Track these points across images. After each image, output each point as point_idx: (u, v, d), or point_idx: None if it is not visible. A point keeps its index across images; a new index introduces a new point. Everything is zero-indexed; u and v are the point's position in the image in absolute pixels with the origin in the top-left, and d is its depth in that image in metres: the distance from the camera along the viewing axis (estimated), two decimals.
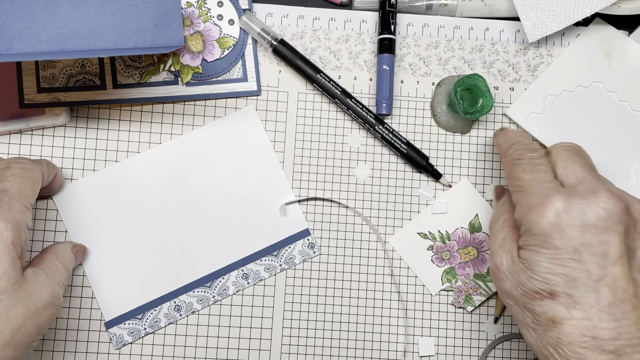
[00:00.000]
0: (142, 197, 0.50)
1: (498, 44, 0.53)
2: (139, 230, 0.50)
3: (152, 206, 0.50)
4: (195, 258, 0.50)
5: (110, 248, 0.50)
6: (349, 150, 0.52)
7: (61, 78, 0.50)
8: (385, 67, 0.51)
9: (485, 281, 0.51)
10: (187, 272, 0.50)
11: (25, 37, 0.42)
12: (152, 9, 0.47)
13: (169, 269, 0.50)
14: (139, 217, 0.50)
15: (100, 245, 0.50)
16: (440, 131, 0.53)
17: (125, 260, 0.50)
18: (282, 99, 0.52)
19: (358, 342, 0.51)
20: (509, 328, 0.51)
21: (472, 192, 0.52)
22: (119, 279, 0.50)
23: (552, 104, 0.52)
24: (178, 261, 0.50)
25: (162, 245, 0.50)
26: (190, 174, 0.50)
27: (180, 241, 0.50)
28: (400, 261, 0.51)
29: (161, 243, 0.50)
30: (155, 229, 0.50)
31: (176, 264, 0.50)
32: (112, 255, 0.50)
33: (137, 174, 0.51)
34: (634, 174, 0.51)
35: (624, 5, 0.51)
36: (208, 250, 0.50)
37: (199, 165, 0.51)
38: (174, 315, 0.50)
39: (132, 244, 0.50)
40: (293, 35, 0.52)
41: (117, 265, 0.50)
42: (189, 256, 0.50)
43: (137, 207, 0.50)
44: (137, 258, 0.50)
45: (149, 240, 0.50)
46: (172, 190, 0.50)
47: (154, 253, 0.50)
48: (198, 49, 0.51)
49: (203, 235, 0.50)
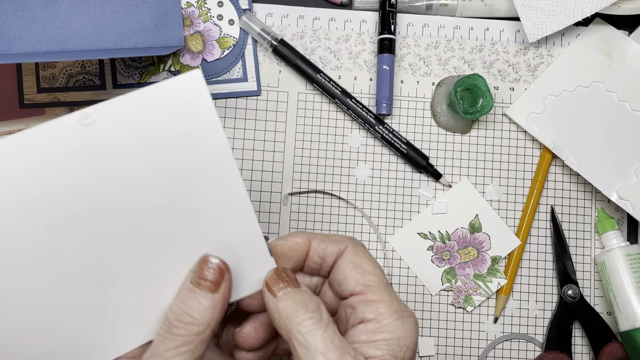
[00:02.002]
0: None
1: (498, 44, 0.53)
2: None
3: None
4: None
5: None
6: (349, 150, 0.52)
7: (61, 78, 0.50)
8: (385, 67, 0.51)
9: (485, 281, 0.51)
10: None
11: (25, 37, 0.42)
12: (152, 9, 0.47)
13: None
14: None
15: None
16: (440, 131, 0.53)
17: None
18: (282, 99, 0.52)
19: None
20: (509, 328, 0.51)
21: (472, 192, 0.52)
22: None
23: (552, 104, 0.52)
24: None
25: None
26: (92, 178, 0.31)
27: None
28: (400, 261, 0.51)
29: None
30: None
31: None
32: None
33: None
34: (634, 174, 0.51)
35: (624, 5, 0.51)
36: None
37: (107, 165, 0.31)
38: None
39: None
40: (293, 35, 0.52)
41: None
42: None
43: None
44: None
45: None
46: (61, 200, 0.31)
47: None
48: (198, 49, 0.51)
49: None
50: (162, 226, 0.32)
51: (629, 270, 0.49)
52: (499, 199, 0.52)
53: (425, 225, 0.52)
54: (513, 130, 0.53)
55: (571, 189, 0.53)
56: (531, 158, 0.53)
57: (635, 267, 0.49)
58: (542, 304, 0.52)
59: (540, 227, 0.52)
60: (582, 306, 0.51)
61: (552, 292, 0.52)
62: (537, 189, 0.52)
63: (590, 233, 0.52)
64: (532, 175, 0.52)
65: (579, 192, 0.53)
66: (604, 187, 0.50)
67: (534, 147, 0.53)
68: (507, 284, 0.51)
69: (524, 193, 0.52)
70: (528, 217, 0.51)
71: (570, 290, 0.51)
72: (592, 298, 0.52)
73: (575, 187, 0.53)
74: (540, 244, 0.52)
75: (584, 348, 0.51)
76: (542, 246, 0.52)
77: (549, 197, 0.52)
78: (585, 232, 0.52)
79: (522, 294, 0.52)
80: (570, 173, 0.53)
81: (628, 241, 0.51)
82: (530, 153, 0.53)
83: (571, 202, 0.53)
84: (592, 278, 0.52)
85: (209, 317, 0.31)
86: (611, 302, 0.50)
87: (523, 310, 0.52)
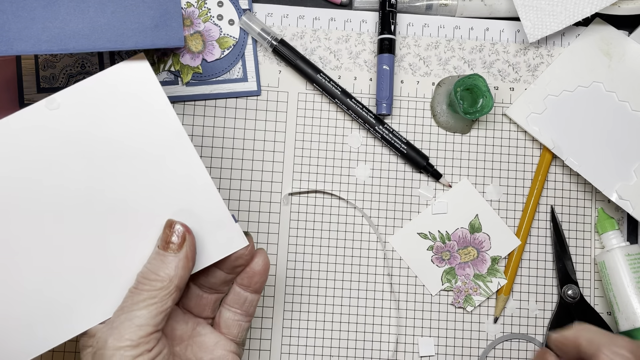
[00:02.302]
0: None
1: (498, 44, 0.53)
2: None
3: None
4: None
5: None
6: (349, 150, 0.52)
7: (61, 78, 0.50)
8: (385, 67, 0.51)
9: (485, 281, 0.51)
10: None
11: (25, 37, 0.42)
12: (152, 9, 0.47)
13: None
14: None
15: None
16: (440, 131, 0.53)
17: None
18: (282, 99, 0.52)
19: (358, 342, 0.50)
20: (509, 328, 0.51)
21: (472, 192, 0.52)
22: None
23: (552, 104, 0.52)
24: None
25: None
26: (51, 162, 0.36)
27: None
28: (400, 261, 0.51)
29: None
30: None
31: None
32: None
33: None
34: (634, 174, 0.51)
35: (624, 5, 0.51)
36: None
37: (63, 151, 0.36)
38: None
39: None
40: (293, 35, 0.52)
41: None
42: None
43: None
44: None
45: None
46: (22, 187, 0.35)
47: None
48: (198, 49, 0.51)
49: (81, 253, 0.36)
50: (128, 199, 0.36)
51: (629, 270, 0.49)
52: (499, 199, 0.52)
53: (425, 225, 0.52)
54: (513, 130, 0.53)
55: (571, 189, 0.53)
56: (531, 158, 0.53)
57: (635, 267, 0.49)
58: (542, 304, 0.52)
59: (540, 227, 0.52)
60: (582, 306, 0.51)
61: (552, 292, 0.52)
62: (537, 189, 0.52)
63: (590, 233, 0.52)
64: (532, 175, 0.52)
65: (579, 192, 0.53)
66: (604, 187, 0.50)
67: (534, 147, 0.53)
68: (507, 284, 0.51)
69: (524, 193, 0.52)
70: (528, 217, 0.52)
71: (570, 290, 0.51)
72: (592, 298, 0.52)
73: (575, 187, 0.53)
74: (540, 244, 0.52)
75: None
76: (542, 246, 0.52)
77: (549, 197, 0.52)
78: (585, 232, 0.52)
79: (522, 294, 0.52)
80: (570, 173, 0.53)
81: (628, 241, 0.51)
82: (530, 153, 0.53)
83: (571, 202, 0.53)
84: (592, 278, 0.52)
85: (172, 274, 0.35)
86: (611, 302, 0.50)
87: (523, 310, 0.52)
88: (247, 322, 0.41)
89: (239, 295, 0.40)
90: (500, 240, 0.51)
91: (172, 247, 0.36)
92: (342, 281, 0.51)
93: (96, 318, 0.36)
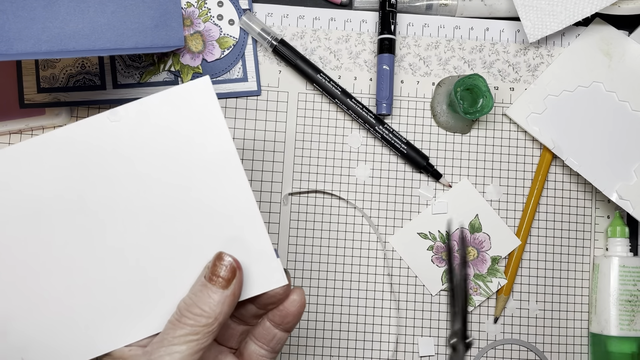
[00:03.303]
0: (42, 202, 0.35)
1: (498, 44, 0.53)
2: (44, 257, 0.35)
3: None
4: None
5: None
6: (349, 150, 0.52)
7: (61, 78, 0.50)
8: (385, 67, 0.51)
9: (485, 281, 0.51)
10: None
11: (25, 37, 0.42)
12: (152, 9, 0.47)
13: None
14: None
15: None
16: (440, 131, 0.53)
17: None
18: (282, 99, 0.52)
19: (358, 342, 0.51)
20: (509, 328, 0.51)
21: (472, 192, 0.52)
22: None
23: (552, 104, 0.52)
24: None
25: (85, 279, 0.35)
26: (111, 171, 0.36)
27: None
28: (400, 261, 0.51)
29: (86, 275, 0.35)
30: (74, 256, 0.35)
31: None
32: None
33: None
34: (634, 174, 0.51)
35: (624, 5, 0.51)
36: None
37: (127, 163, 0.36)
38: None
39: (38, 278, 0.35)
40: (293, 35, 0.52)
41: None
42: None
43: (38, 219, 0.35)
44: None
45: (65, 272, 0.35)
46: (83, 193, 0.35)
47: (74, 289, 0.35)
48: (198, 49, 0.51)
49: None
50: (176, 221, 0.35)
51: (618, 281, 0.49)
52: (499, 199, 0.52)
53: (425, 225, 0.52)
54: (513, 130, 0.53)
55: (571, 189, 0.53)
56: (531, 158, 0.53)
57: (625, 279, 0.49)
58: (542, 304, 0.52)
59: (540, 227, 0.52)
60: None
61: (552, 292, 0.52)
62: (537, 189, 0.52)
63: (590, 233, 0.52)
64: (532, 175, 0.53)
65: (579, 192, 0.53)
66: (604, 187, 0.50)
67: (534, 147, 0.53)
68: (507, 284, 0.51)
69: (524, 193, 0.52)
70: (528, 217, 0.52)
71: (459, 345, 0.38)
72: (582, 297, 0.52)
73: (575, 187, 0.53)
74: (540, 244, 0.52)
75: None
76: (542, 246, 0.52)
77: (549, 197, 0.52)
78: (585, 232, 0.52)
79: (523, 294, 0.52)
80: (570, 173, 0.53)
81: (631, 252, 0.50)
82: (530, 153, 0.53)
83: (571, 202, 0.53)
84: (590, 278, 0.52)
85: (217, 311, 0.33)
86: (591, 302, 0.51)
87: (523, 310, 0.52)
88: (271, 358, 0.39)
89: (268, 331, 0.38)
90: (500, 240, 0.51)
91: (220, 282, 0.34)
92: (342, 281, 0.51)
93: (123, 340, 0.35)
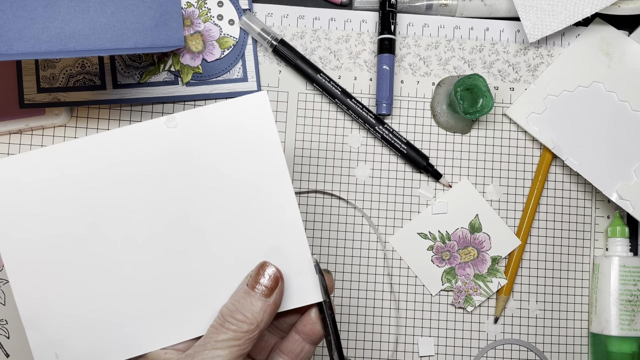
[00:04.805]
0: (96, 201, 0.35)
1: (498, 44, 0.53)
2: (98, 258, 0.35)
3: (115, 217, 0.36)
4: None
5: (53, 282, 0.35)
6: (349, 150, 0.52)
7: (61, 78, 0.50)
8: (385, 67, 0.51)
9: (485, 281, 0.51)
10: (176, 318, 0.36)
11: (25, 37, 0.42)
12: (152, 9, 0.47)
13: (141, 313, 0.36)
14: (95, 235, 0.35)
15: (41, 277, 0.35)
16: (440, 131, 0.53)
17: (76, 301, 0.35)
18: (282, 99, 0.52)
19: (358, 342, 0.51)
20: (509, 328, 0.51)
21: (472, 192, 0.52)
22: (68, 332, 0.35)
23: (552, 104, 0.52)
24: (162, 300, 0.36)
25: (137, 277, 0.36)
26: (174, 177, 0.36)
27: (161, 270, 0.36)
28: (400, 261, 0.51)
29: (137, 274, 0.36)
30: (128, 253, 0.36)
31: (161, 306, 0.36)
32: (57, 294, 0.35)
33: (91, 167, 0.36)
34: (634, 174, 0.51)
35: (624, 5, 0.51)
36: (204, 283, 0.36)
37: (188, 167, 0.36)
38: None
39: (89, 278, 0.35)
40: (293, 35, 0.52)
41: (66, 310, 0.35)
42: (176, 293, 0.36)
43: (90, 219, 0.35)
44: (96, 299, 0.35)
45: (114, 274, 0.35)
46: (151, 194, 0.36)
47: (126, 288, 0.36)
48: (198, 49, 0.51)
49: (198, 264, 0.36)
50: (223, 229, 0.36)
51: (618, 280, 0.49)
52: (499, 199, 0.52)
53: (425, 225, 0.52)
54: (513, 130, 0.53)
55: (571, 189, 0.53)
56: (531, 158, 0.53)
57: (626, 279, 0.49)
58: (542, 304, 0.52)
59: (540, 227, 0.52)
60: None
61: (552, 292, 0.52)
62: (537, 189, 0.52)
63: (590, 233, 0.52)
64: (532, 175, 0.53)
65: (579, 192, 0.53)
66: (604, 187, 0.50)
67: (534, 147, 0.53)
68: (508, 284, 0.51)
69: (524, 193, 0.52)
70: (528, 217, 0.52)
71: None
72: (582, 297, 0.52)
73: (575, 187, 0.53)
74: (540, 244, 0.52)
75: None
76: (542, 246, 0.52)
77: (549, 197, 0.52)
78: (585, 232, 0.52)
79: (523, 294, 0.52)
80: (570, 173, 0.53)
81: (631, 252, 0.51)
82: (530, 153, 0.53)
83: (571, 202, 0.53)
84: (590, 278, 0.52)
85: (259, 319, 0.33)
86: (591, 302, 0.51)
87: (523, 310, 0.52)
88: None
89: (296, 344, 0.37)
90: (501, 240, 0.51)
91: (262, 290, 0.34)
92: (342, 281, 0.51)
93: (162, 341, 0.35)
